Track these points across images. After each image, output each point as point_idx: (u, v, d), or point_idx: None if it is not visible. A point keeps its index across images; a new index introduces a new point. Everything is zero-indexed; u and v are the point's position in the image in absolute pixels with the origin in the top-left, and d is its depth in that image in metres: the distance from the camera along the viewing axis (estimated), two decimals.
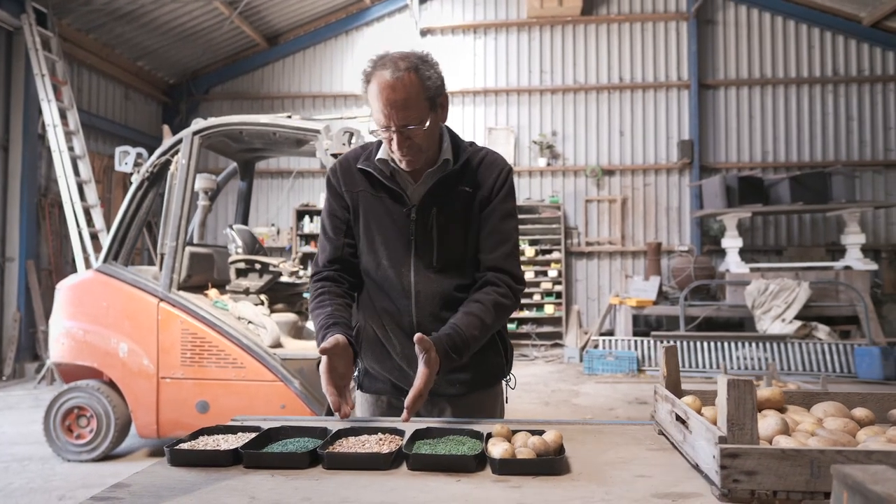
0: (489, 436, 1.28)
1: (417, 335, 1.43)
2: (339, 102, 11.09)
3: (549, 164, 10.62)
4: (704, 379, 7.35)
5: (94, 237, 7.51)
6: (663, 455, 1.25)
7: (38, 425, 4.49)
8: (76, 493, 3.74)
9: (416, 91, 1.47)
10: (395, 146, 1.51)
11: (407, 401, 1.42)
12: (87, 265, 7.16)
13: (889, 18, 9.86)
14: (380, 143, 1.62)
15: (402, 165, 1.56)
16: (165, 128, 4.95)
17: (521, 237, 10.35)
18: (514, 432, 1.29)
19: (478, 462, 1.17)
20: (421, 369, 1.43)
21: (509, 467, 1.13)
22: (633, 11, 10.65)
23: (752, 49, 10.45)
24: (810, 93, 10.34)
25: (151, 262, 9.49)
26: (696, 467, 1.13)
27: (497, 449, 1.16)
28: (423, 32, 10.93)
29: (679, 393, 1.39)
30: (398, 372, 1.66)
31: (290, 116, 4.33)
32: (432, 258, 1.60)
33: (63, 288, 4.53)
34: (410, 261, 1.61)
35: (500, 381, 1.79)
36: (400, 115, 1.46)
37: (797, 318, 8.00)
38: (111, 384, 4.40)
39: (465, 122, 10.85)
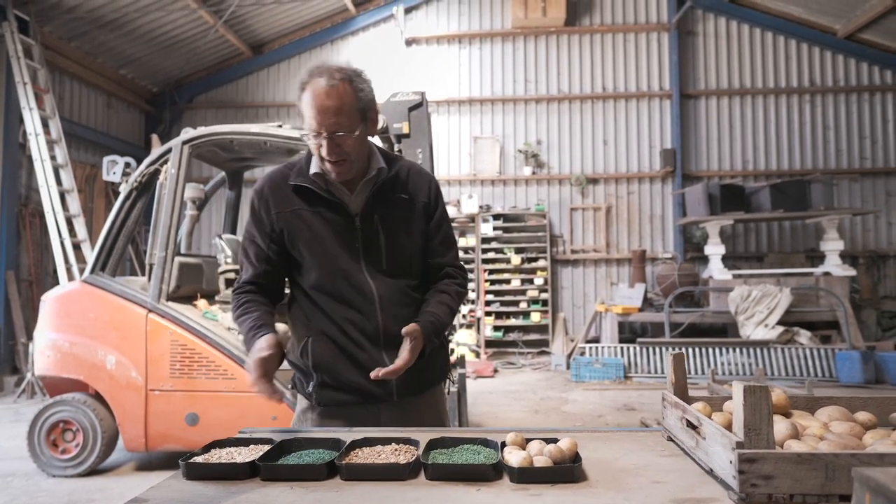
0: (503, 444, 1.29)
1: (408, 327, 1.57)
2: None
3: (534, 173, 10.70)
4: (690, 385, 7.41)
5: (77, 247, 7.40)
6: (675, 461, 1.27)
7: (21, 440, 4.40)
8: None
9: (349, 100, 1.53)
10: (324, 152, 1.55)
11: (383, 371, 1.53)
12: (70, 276, 7.05)
13: (863, 31, 10.13)
14: (307, 159, 1.68)
15: (332, 175, 1.61)
16: (154, 137, 4.91)
17: (507, 245, 10.40)
18: (528, 441, 1.30)
19: (496, 471, 1.18)
20: (404, 353, 1.56)
21: (528, 476, 1.14)
22: (615, 22, 10.82)
23: (731, 60, 10.66)
24: (788, 103, 10.57)
25: (134, 273, 9.36)
26: (711, 472, 1.15)
27: (515, 457, 1.17)
28: (409, 42, 10.98)
29: (687, 399, 1.41)
30: (365, 379, 1.62)
31: (280, 126, 4.32)
32: (381, 263, 1.67)
33: (48, 299, 4.45)
34: (362, 267, 1.66)
35: (446, 377, 1.89)
36: (331, 121, 1.52)
37: (779, 323, 8.14)
38: (98, 397, 4.32)
39: (450, 131, 10.91)
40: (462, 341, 9.49)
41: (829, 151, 10.48)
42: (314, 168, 1.63)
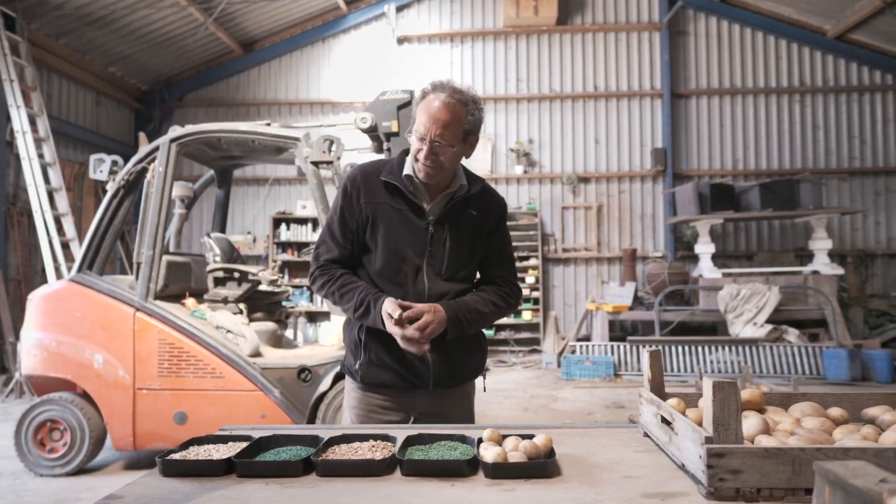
0: (479, 441, 1.30)
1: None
2: (317, 109, 11.06)
3: (525, 172, 10.72)
4: (679, 382, 7.47)
5: (66, 246, 7.35)
6: (649, 456, 1.28)
7: (8, 440, 4.37)
8: None
9: (458, 119, 1.72)
10: (422, 156, 1.72)
11: (417, 323, 1.67)
12: (58, 275, 7.01)
13: (852, 31, 10.20)
14: (399, 160, 1.85)
15: (421, 175, 1.77)
16: (142, 135, 4.89)
17: None
18: (505, 437, 1.31)
19: (470, 466, 1.19)
20: (425, 311, 1.70)
21: (502, 471, 1.16)
22: (607, 21, 10.84)
23: (722, 59, 10.71)
24: (778, 102, 10.63)
25: (124, 272, 9.32)
26: (682, 467, 1.17)
27: (489, 453, 1.18)
28: (400, 40, 10.97)
29: (663, 396, 1.43)
30: (407, 363, 1.80)
31: (269, 124, 4.31)
32: (442, 267, 1.83)
33: (35, 298, 4.42)
34: (424, 267, 1.82)
35: (479, 375, 2.02)
36: (438, 131, 1.69)
37: (768, 321, 8.19)
38: (85, 396, 4.30)
39: None
40: None
41: (819, 151, 10.55)
42: (407, 170, 1.79)
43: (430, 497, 1.08)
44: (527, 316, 10.22)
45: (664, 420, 1.27)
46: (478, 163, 10.79)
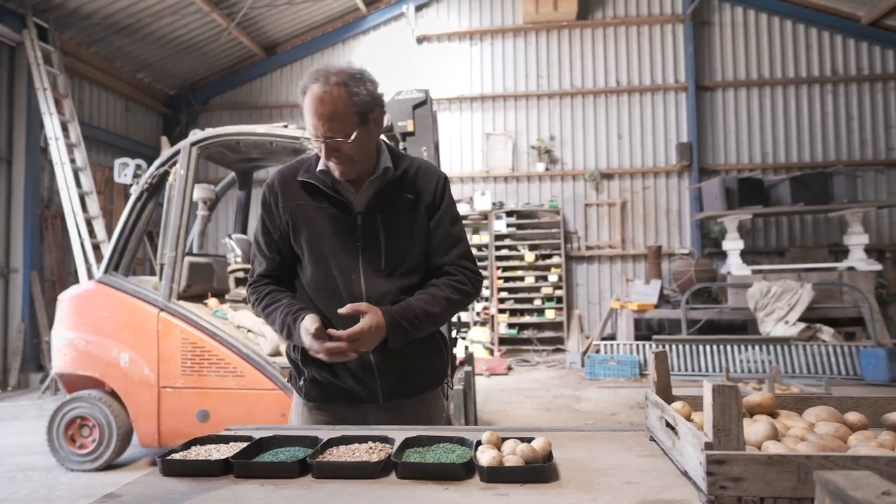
0: (478, 443, 1.28)
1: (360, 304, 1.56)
2: None
3: (547, 169, 10.63)
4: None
5: (96, 248, 7.53)
6: (653, 461, 1.25)
7: (43, 435, 4.50)
8: (80, 503, 3.74)
9: (343, 105, 1.53)
10: (323, 155, 1.59)
11: (345, 332, 1.51)
12: (90, 276, 7.19)
13: (888, 17, 9.86)
14: (317, 156, 1.69)
15: (336, 174, 1.63)
16: (164, 139, 4.97)
17: (520, 242, 10.34)
18: (504, 439, 1.29)
19: (466, 470, 1.17)
20: (358, 324, 1.53)
21: (497, 475, 1.13)
22: (628, 15, 10.68)
23: (749, 50, 10.46)
24: (809, 93, 10.34)
25: (153, 272, 9.51)
26: (685, 474, 1.13)
27: (485, 457, 1.16)
28: (420, 40, 10.97)
29: (669, 398, 1.39)
30: (351, 379, 1.67)
31: (286, 126, 4.34)
32: (381, 262, 1.66)
33: (65, 299, 4.55)
34: (359, 267, 1.66)
35: (443, 383, 1.84)
36: (326, 126, 1.53)
37: (800, 319, 7.98)
38: (113, 394, 4.41)
39: (462, 128, 10.88)
40: (476, 339, 9.48)
41: (853, 142, 10.23)
42: (322, 165, 1.66)
43: (423, 500, 1.07)
44: (550, 314, 10.14)
45: (668, 424, 1.23)
46: (499, 161, 10.75)
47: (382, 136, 1.76)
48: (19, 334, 7.68)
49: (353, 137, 1.55)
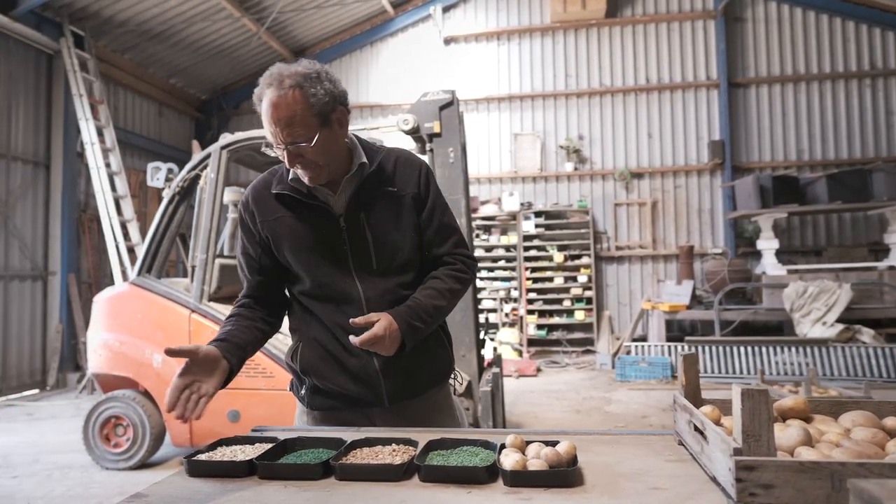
0: (502, 446, 1.26)
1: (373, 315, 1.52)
2: (366, 113, 11.21)
3: (576, 169, 10.53)
4: (742, 385, 7.15)
5: (131, 250, 7.71)
6: (681, 466, 1.22)
7: (79, 434, 4.62)
8: (113, 501, 3.83)
9: (301, 108, 1.45)
10: (287, 163, 1.52)
11: (362, 337, 1.47)
12: (124, 278, 7.36)
13: None
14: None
15: (306, 181, 1.55)
16: (195, 143, 5.06)
17: (549, 242, 10.25)
18: (528, 443, 1.27)
19: (489, 474, 1.16)
20: (373, 330, 1.48)
21: (521, 479, 1.12)
22: (658, 12, 10.52)
23: (783, 45, 10.21)
24: (846, 88, 10.04)
25: (186, 274, 9.70)
26: (714, 480, 1.10)
27: (508, 460, 1.15)
28: (447, 41, 10.98)
29: (699, 401, 1.35)
30: (355, 385, 1.64)
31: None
32: (371, 263, 1.61)
33: (100, 300, 4.66)
34: (351, 270, 1.61)
35: (449, 376, 1.81)
36: (285, 132, 1.46)
37: (839, 320, 7.74)
38: (146, 394, 4.51)
39: (490, 128, 10.85)
40: (505, 340, 9.44)
41: (893, 138, 9.90)
42: (293, 174, 1.58)
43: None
44: (580, 316, 10.04)
45: (696, 428, 1.20)
46: (527, 161, 10.69)
47: (409, 138, 1.72)
48: (57, 335, 7.91)
49: (315, 141, 1.48)
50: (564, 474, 1.12)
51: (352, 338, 1.49)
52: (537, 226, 10.30)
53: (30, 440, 5.33)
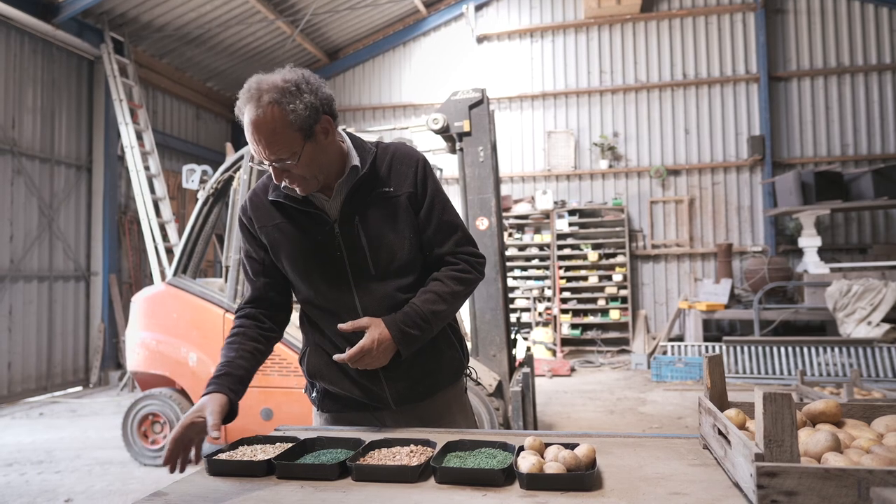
0: (521, 449, 1.25)
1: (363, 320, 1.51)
2: (399, 113, 11.26)
3: (611, 166, 10.38)
4: (781, 386, 6.94)
5: (169, 251, 7.91)
6: (704, 471, 1.18)
7: (119, 431, 4.75)
8: None
9: (281, 126, 1.39)
10: (274, 178, 1.49)
11: (347, 353, 1.46)
12: (163, 278, 7.56)
13: None
14: None
15: (298, 192, 1.52)
16: (228, 146, 5.16)
17: (583, 241, 10.13)
18: (547, 445, 1.25)
19: (506, 476, 1.14)
20: (361, 342, 1.47)
21: (537, 482, 1.10)
22: (695, 5, 10.29)
23: (826, 37, 9.87)
24: (893, 80, 9.65)
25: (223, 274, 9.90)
26: (737, 485, 1.06)
27: (525, 463, 1.13)
28: (480, 39, 10.95)
29: (724, 404, 1.31)
30: (358, 389, 1.63)
31: (344, 130, 4.41)
32: (368, 268, 1.57)
33: (138, 300, 4.79)
34: (348, 276, 1.57)
35: (462, 376, 1.77)
36: (268, 150, 1.41)
37: (885, 320, 7.46)
38: (182, 392, 4.62)
39: (523, 126, 10.78)
40: (538, 339, 9.37)
41: None
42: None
43: None
44: (615, 315, 9.90)
45: (721, 432, 1.16)
46: (560, 159, 10.59)
47: (439, 137, 1.66)
48: (100, 334, 8.17)
49: (300, 157, 1.43)
50: (581, 478, 1.10)
51: (336, 356, 1.49)
52: (571, 224, 10.19)
53: (73, 436, 5.52)
